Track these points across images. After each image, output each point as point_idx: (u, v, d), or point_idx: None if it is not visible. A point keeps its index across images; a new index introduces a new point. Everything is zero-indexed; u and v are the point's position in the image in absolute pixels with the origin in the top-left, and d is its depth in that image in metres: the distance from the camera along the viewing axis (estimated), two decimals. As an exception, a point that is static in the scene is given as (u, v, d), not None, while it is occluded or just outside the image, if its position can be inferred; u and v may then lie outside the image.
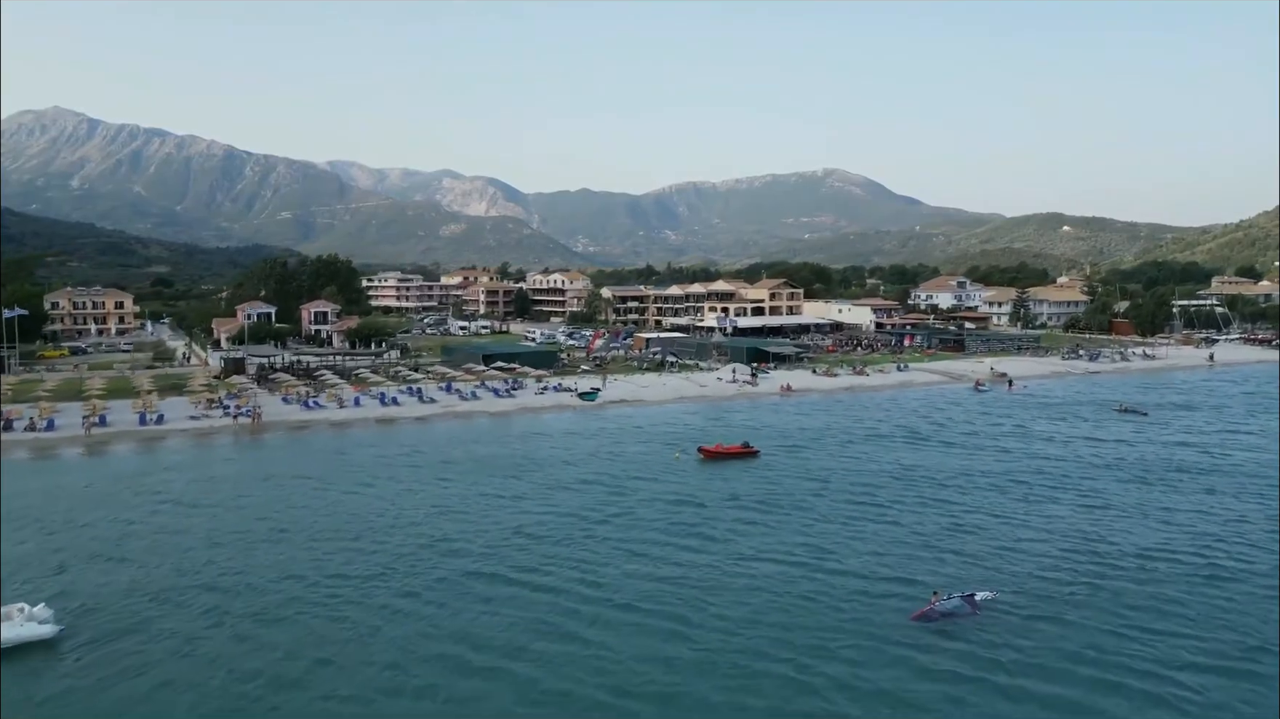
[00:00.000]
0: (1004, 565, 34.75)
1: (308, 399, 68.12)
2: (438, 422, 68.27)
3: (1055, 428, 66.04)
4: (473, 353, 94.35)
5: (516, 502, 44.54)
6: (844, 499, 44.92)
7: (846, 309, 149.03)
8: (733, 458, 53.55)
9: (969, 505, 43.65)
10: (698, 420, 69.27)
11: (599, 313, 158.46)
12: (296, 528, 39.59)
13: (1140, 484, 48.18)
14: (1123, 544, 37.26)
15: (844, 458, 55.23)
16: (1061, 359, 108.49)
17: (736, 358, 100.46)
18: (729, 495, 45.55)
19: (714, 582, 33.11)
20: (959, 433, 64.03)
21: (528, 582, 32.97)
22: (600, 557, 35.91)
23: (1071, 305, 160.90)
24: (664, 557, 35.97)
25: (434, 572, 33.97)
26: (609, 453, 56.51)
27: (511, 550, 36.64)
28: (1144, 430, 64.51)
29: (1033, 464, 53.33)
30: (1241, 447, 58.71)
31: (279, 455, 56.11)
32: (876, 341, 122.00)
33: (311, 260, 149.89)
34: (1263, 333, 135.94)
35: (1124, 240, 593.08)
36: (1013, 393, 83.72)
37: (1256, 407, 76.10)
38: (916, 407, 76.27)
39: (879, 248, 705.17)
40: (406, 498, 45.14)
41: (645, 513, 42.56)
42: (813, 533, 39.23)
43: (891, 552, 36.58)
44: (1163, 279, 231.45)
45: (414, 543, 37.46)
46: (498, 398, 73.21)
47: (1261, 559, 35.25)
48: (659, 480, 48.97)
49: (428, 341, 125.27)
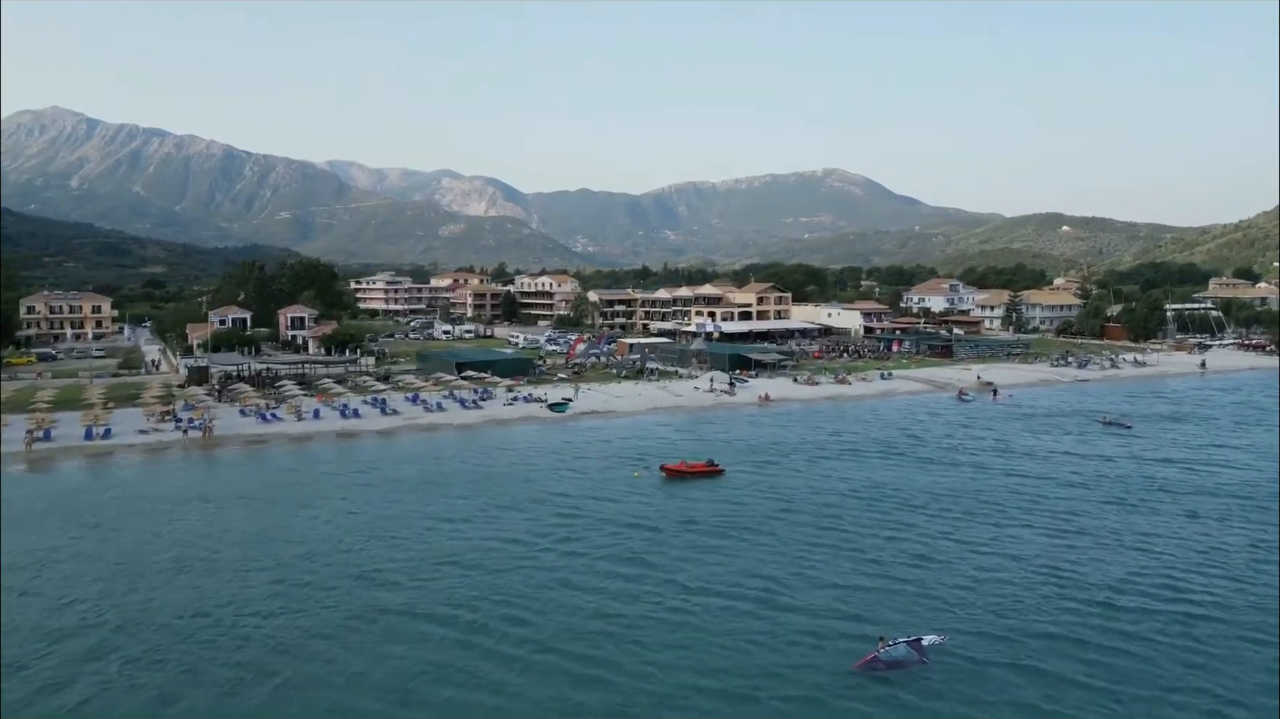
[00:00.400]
0: (964, 600, 32.69)
1: (265, 411, 65.92)
2: (401, 435, 66.20)
3: (1037, 442, 63.94)
4: (446, 360, 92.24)
5: (461, 525, 42.48)
6: (806, 523, 42.82)
7: (836, 313, 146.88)
8: (696, 477, 51.43)
9: (936, 531, 41.55)
10: (670, 433, 67.18)
11: (586, 316, 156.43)
12: (219, 556, 37.49)
13: (1119, 507, 46.06)
14: (1092, 577, 35.17)
15: (814, 475, 53.12)
16: (1050, 366, 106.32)
17: (719, 364, 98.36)
18: (685, 519, 43.46)
19: (650, 618, 31.08)
20: (937, 447, 61.93)
21: (446, 617, 30.97)
22: (532, 588, 33.88)
23: (1064, 309, 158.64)
24: (603, 588, 33.94)
25: (350, 606, 31.93)
26: (571, 470, 54.44)
27: (441, 581, 34.61)
28: (1128, 444, 62.37)
29: (1008, 483, 51.23)
30: (1227, 463, 56.59)
31: (225, 473, 53.99)
32: (863, 348, 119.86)
33: (291, 264, 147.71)
34: (1257, 338, 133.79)
35: (1123, 240, 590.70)
36: (997, 402, 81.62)
37: (1246, 418, 73.93)
38: (897, 418, 74.18)
39: (878, 248, 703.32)
40: (347, 521, 43.09)
41: (594, 537, 40.53)
42: (767, 562, 37.18)
43: (847, 584, 34.52)
44: (1160, 280, 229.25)
45: (340, 573, 35.41)
46: (464, 409, 71.07)
47: (1239, 597, 33.11)
48: (616, 501, 46.91)
49: (409, 347, 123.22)
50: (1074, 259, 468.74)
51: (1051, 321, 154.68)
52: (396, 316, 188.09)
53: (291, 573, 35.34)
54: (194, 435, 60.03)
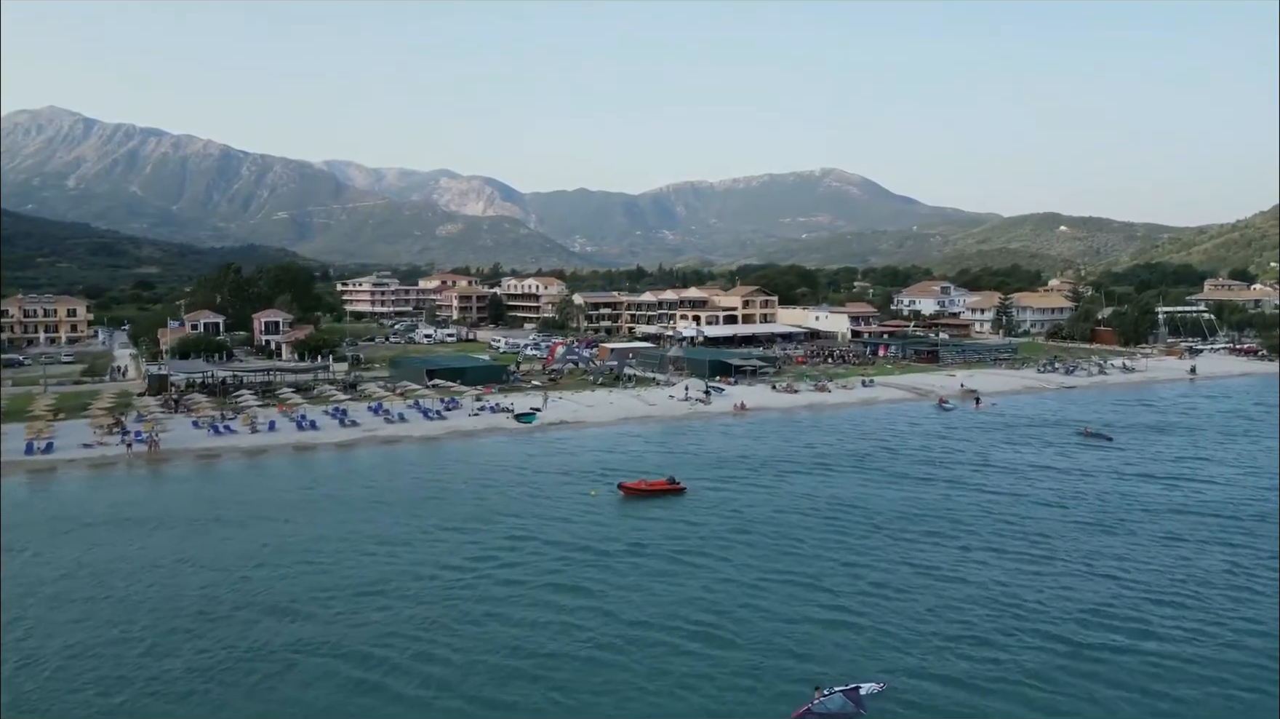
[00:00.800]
0: (916, 636, 30.63)
1: (217, 423, 63.70)
2: (360, 448, 64.03)
3: (1016, 455, 61.86)
4: (417, 367, 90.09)
5: (399, 549, 40.35)
6: (763, 547, 40.75)
7: (824, 316, 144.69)
8: (656, 495, 49.29)
9: (897, 556, 39.46)
10: (638, 445, 65.08)
11: (571, 320, 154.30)
12: (120, 586, 35.21)
13: (1093, 529, 43.94)
14: (1057, 609, 33.07)
15: (779, 493, 51.03)
16: (1038, 372, 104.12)
17: (698, 371, 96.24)
18: (635, 543, 41.37)
19: (576, 656, 29.03)
20: (912, 460, 59.88)
21: (351, 654, 29.00)
22: (455, 620, 31.88)
23: (1056, 312, 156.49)
24: (532, 621, 31.90)
25: (253, 641, 29.81)
26: (528, 487, 52.27)
27: (360, 613, 32.55)
28: (1109, 458, 60.26)
29: (980, 501, 49.12)
30: (1211, 479, 54.48)
31: (167, 491, 51.76)
32: (849, 352, 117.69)
33: (269, 266, 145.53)
34: (1249, 342, 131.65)
35: (1121, 240, 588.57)
36: (979, 411, 79.52)
37: (1234, 429, 71.82)
38: (875, 428, 72.10)
39: (876, 248, 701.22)
40: (280, 544, 40.93)
41: (536, 563, 38.49)
42: (714, 591, 35.12)
43: (796, 617, 32.47)
44: (1155, 281, 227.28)
45: (249, 603, 33.30)
46: (427, 420, 68.86)
47: (1214, 635, 30.94)
48: (569, 522, 44.82)
49: (389, 351, 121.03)
50: (1071, 259, 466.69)
51: (1043, 324, 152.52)
52: (382, 319, 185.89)
53: (198, 604, 33.22)
54: (139, 450, 57.82)
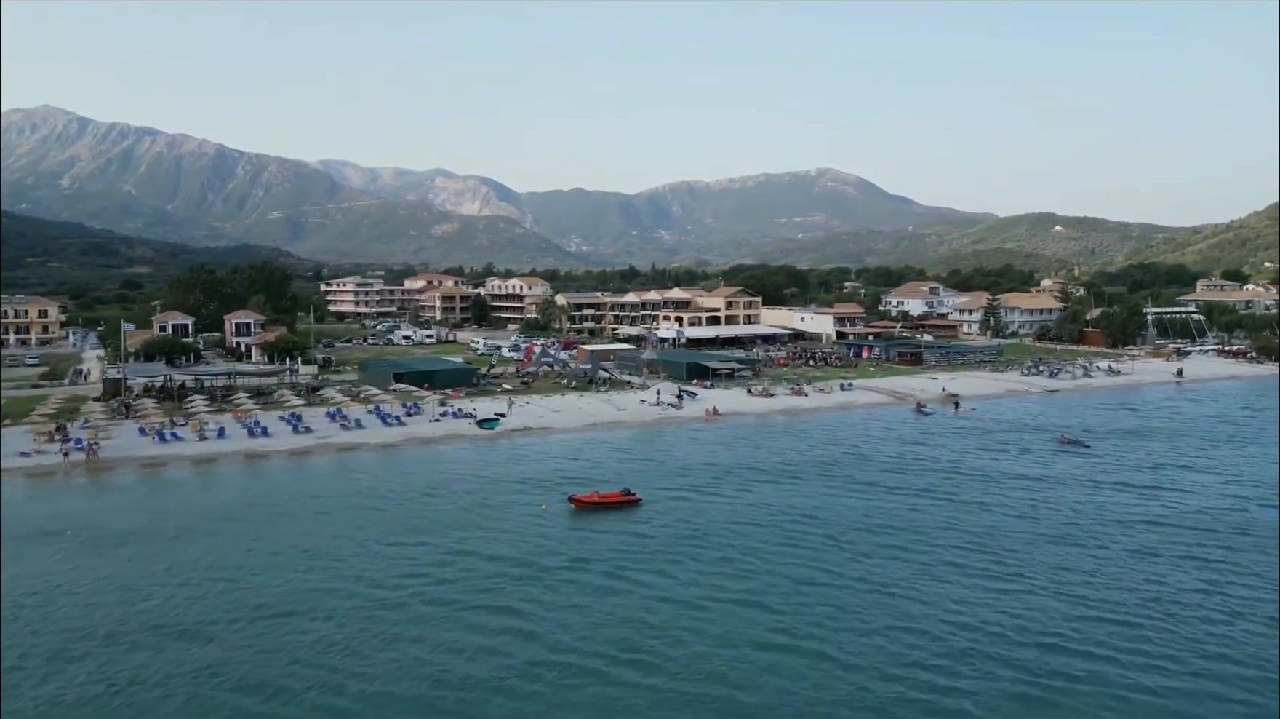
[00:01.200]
0: (861, 663, 28.64)
1: (164, 430, 61.52)
2: (316, 455, 61.85)
3: (991, 462, 59.86)
4: (385, 369, 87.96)
5: (331, 564, 38.30)
6: (713, 564, 38.71)
7: (809, 317, 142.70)
8: (609, 508, 47.22)
9: (852, 575, 37.38)
10: (602, 453, 62.98)
11: (554, 321, 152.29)
12: (37, 607, 33.13)
13: (1063, 543, 41.86)
14: (1015, 635, 31.00)
15: (741, 504, 49.00)
16: (1021, 375, 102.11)
17: (675, 373, 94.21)
18: (579, 558, 39.38)
19: (486, 685, 27.07)
20: (882, 469, 57.85)
21: (251, 684, 26.91)
22: (370, 644, 29.91)
23: (1044, 313, 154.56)
24: (453, 645, 29.99)
25: (153, 670, 27.70)
26: (478, 498, 50.11)
27: (272, 634, 30.59)
28: (1086, 466, 58.26)
29: (948, 513, 47.08)
30: (1190, 488, 52.52)
31: (97, 504, 49.26)
32: (831, 354, 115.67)
33: (244, 266, 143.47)
34: (1238, 344, 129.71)
35: (1116, 240, 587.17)
36: (958, 416, 77.50)
37: (1218, 434, 69.85)
38: (849, 434, 70.09)
39: (871, 248, 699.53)
40: (204, 560, 38.81)
41: (469, 580, 36.52)
42: (652, 612, 33.08)
43: (735, 641, 30.48)
44: (1147, 281, 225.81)
45: (166, 626, 31.21)
46: (386, 426, 66.74)
47: (1181, 667, 28.88)
48: (513, 536, 42.70)
49: (365, 353, 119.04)
50: (1066, 259, 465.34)
51: (1031, 325, 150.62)
52: (365, 320, 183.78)
53: (107, 626, 31.12)
54: (76, 459, 55.64)
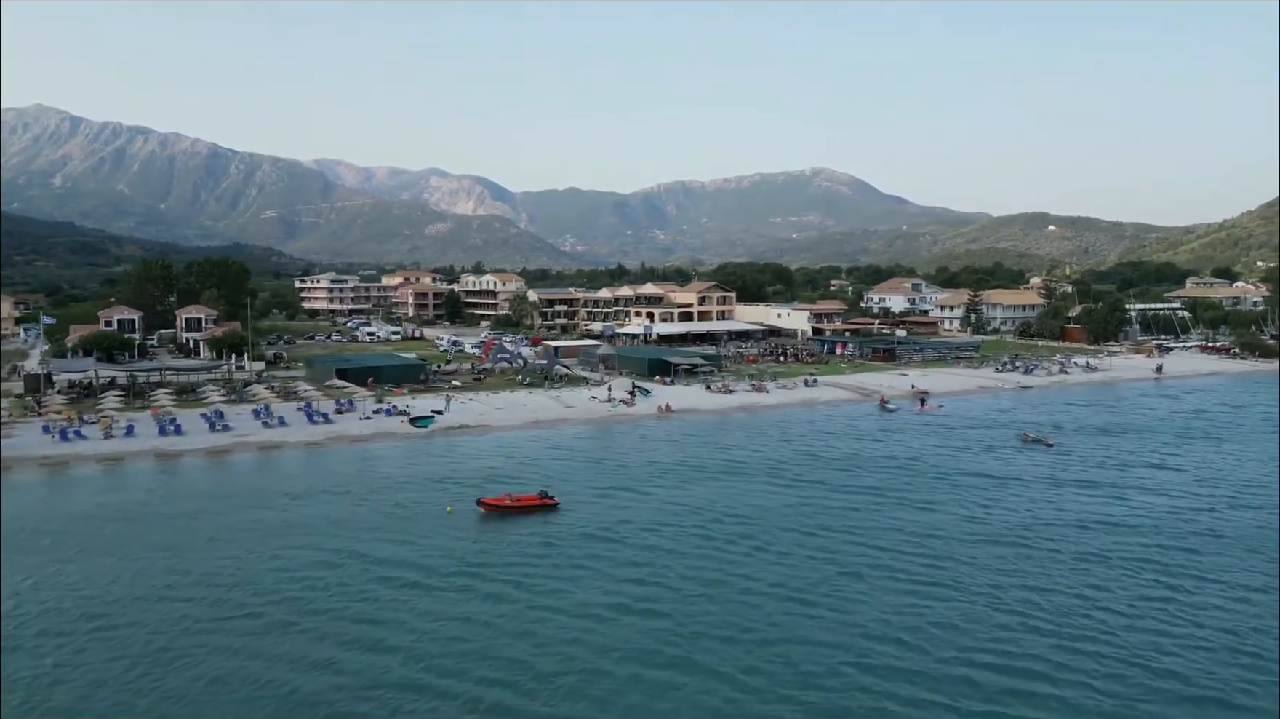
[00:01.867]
0: (761, 684, 25.37)
1: (67, 428, 57.88)
2: (234, 454, 58.24)
3: (950, 459, 56.47)
4: (330, 365, 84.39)
5: (188, 568, 34.84)
6: (624, 571, 35.35)
7: (785, 314, 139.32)
8: (522, 512, 43.61)
9: (770, 581, 34.01)
10: (539, 451, 59.43)
11: (525, 317, 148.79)
12: None
13: (1010, 549, 38.39)
14: (941, 656, 27.59)
15: (668, 505, 45.51)
16: (996, 371, 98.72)
17: (637, 369, 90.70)
18: (478, 565, 36.01)
19: (339, 711, 23.61)
20: (835, 467, 54.41)
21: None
22: (199, 662, 26.30)
23: (1026, 309, 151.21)
24: (301, 659, 26.86)
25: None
26: (386, 500, 46.36)
27: (87, 650, 27.00)
28: (1048, 465, 54.81)
29: (893, 515, 43.59)
30: (1157, 488, 49.17)
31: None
32: (803, 351, 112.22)
33: (198, 260, 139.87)
34: (1222, 340, 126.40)
35: (1109, 240, 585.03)
36: (924, 413, 74.05)
37: (1191, 431, 66.53)
38: (806, 431, 66.67)
39: (865, 247, 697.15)
40: (48, 575, 35.34)
41: (344, 588, 33.33)
42: (540, 627, 29.79)
43: (627, 656, 27.33)
44: (1137, 280, 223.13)
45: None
46: (311, 424, 63.12)
47: (1138, 684, 25.52)
48: (408, 543, 39.03)
49: (325, 349, 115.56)
50: (1059, 258, 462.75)
51: (1013, 322, 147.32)
52: (337, 317, 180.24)
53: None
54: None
